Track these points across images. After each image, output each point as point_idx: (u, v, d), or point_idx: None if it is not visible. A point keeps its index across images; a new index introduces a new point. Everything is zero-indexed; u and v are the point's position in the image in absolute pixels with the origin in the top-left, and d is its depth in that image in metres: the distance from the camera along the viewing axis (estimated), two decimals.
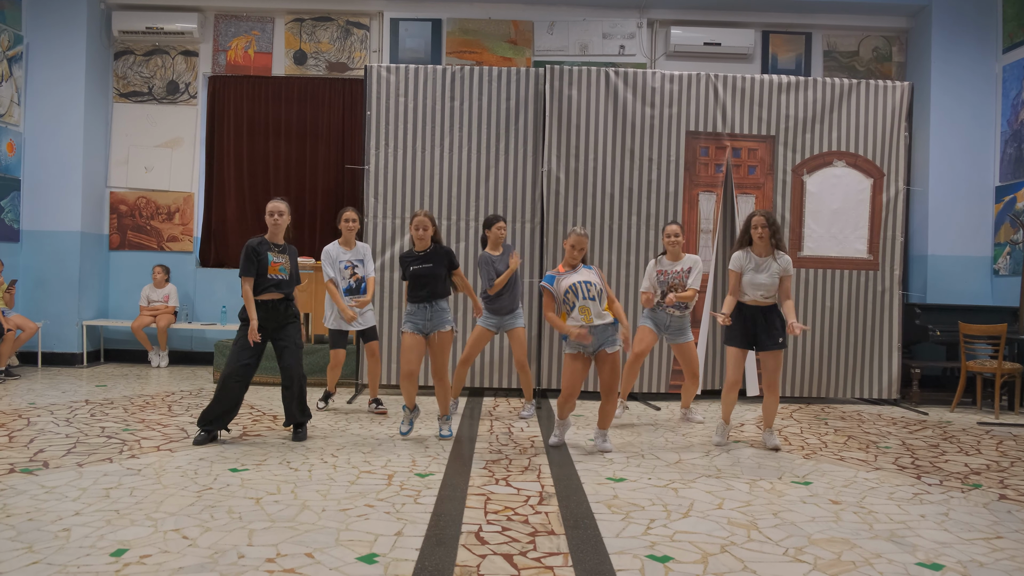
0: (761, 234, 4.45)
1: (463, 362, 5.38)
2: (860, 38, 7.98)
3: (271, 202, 4.45)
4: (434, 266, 4.50)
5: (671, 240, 5.11)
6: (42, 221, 7.64)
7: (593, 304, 4.18)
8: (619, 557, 2.67)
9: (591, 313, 4.18)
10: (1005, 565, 2.69)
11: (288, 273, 4.44)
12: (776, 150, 6.47)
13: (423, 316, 4.53)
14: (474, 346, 5.34)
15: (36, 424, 4.71)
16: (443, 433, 4.67)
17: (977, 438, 5.11)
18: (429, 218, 4.54)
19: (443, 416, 4.72)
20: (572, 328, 4.16)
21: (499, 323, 5.32)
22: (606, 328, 4.23)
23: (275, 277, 4.35)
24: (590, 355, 4.29)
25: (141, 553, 2.59)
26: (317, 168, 8.01)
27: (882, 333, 6.50)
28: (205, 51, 8.05)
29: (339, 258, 5.31)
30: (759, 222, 4.46)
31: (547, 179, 6.35)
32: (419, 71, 6.44)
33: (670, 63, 7.82)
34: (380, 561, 2.58)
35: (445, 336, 4.53)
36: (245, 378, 4.33)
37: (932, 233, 7.40)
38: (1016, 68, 7.18)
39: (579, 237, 4.30)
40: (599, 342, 4.24)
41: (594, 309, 4.18)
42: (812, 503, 3.40)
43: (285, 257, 4.44)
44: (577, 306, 4.19)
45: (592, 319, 4.18)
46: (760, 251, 4.50)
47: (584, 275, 4.26)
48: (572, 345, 4.29)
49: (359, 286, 5.35)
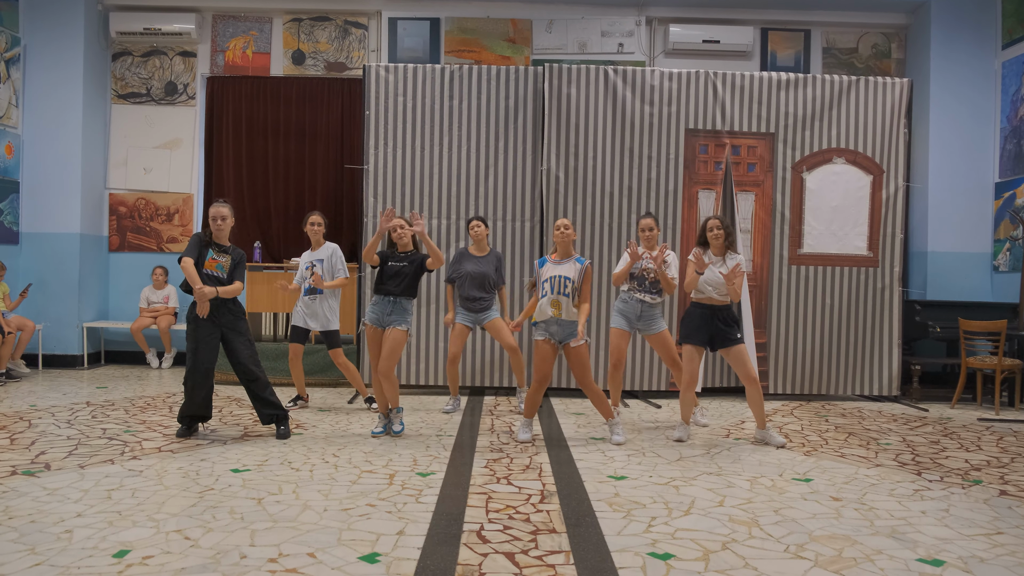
0: (716, 235, 4.64)
1: (451, 361, 5.42)
2: (859, 35, 7.98)
3: (213, 207, 4.54)
4: (408, 265, 4.57)
5: (646, 235, 5.08)
6: (41, 223, 7.64)
7: (565, 300, 4.43)
8: (620, 555, 2.67)
9: (561, 308, 4.44)
10: (1006, 561, 2.69)
11: (226, 272, 4.50)
12: (776, 147, 6.47)
13: (383, 310, 4.55)
14: (455, 343, 5.38)
15: (37, 426, 4.71)
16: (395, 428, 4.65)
17: (977, 434, 5.11)
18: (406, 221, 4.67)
19: (394, 408, 4.66)
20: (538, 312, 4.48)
21: (474, 319, 5.40)
22: (572, 324, 4.47)
23: (211, 273, 4.45)
24: (558, 343, 4.51)
25: (143, 554, 2.59)
26: (316, 168, 8.01)
27: (882, 330, 6.50)
28: (203, 52, 8.04)
29: (304, 260, 5.48)
30: (714, 224, 4.66)
31: (546, 178, 6.34)
32: (418, 70, 6.43)
33: (669, 61, 7.82)
34: (382, 560, 2.58)
35: (399, 334, 4.48)
36: (207, 374, 4.43)
37: (932, 230, 7.40)
38: (1015, 64, 7.18)
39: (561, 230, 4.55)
40: (565, 333, 4.48)
41: (564, 304, 4.43)
42: (813, 500, 3.40)
43: (227, 257, 4.53)
44: (549, 298, 4.43)
45: (561, 314, 4.43)
46: (716, 251, 4.66)
47: (567, 271, 4.46)
48: (540, 331, 4.52)
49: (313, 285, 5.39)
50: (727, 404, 6.16)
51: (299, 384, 5.60)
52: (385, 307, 4.55)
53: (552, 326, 4.48)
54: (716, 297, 4.57)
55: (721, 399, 6.41)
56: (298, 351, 5.49)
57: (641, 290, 4.97)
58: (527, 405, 4.61)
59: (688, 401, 4.69)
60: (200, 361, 4.37)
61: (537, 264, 4.59)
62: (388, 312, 4.54)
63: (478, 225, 5.47)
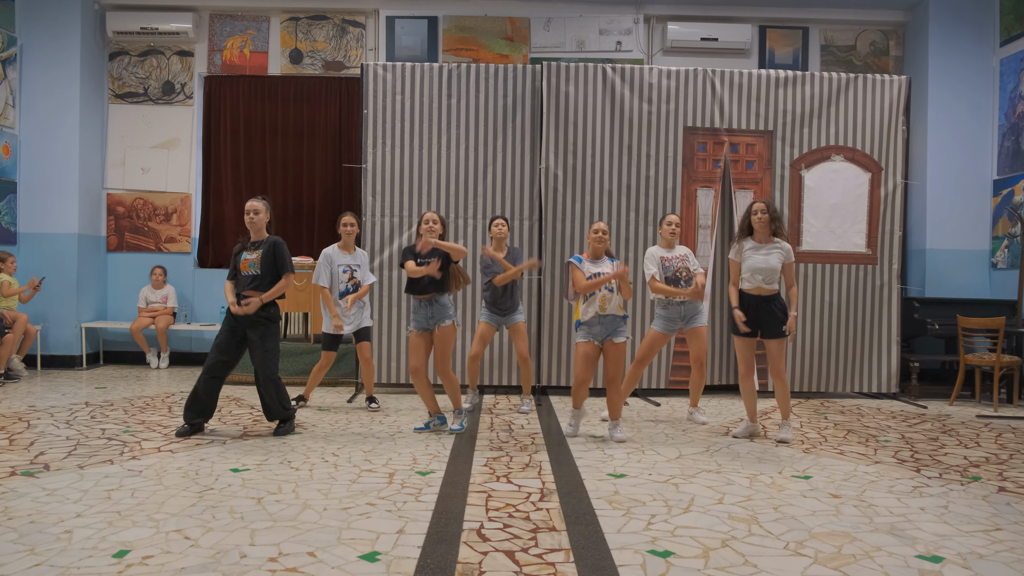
0: (761, 219, 4.53)
1: (472, 358, 5.42)
2: (857, 32, 7.98)
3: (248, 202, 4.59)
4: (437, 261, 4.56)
5: (671, 229, 5.10)
6: (39, 223, 7.63)
7: (610, 295, 4.44)
8: (620, 553, 2.67)
9: (607, 303, 4.44)
10: (1005, 557, 2.70)
11: (259, 268, 4.48)
12: (774, 145, 6.47)
13: (425, 314, 4.59)
14: (480, 341, 5.41)
15: (36, 427, 4.71)
16: (452, 427, 4.73)
17: (976, 431, 5.12)
18: (439, 216, 4.68)
19: (455, 410, 4.78)
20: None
21: (500, 320, 5.40)
22: (616, 319, 4.48)
23: (246, 273, 4.47)
24: (599, 343, 4.51)
25: (143, 554, 2.59)
26: (314, 167, 8.00)
27: (881, 327, 6.51)
28: (200, 51, 8.03)
29: (339, 262, 5.35)
30: (759, 207, 4.56)
31: (545, 176, 6.34)
32: (415, 69, 6.43)
33: (667, 59, 7.82)
34: (382, 559, 2.58)
35: (446, 330, 4.57)
36: (221, 373, 4.49)
37: (930, 227, 7.41)
38: (1013, 61, 7.18)
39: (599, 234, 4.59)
40: (608, 331, 4.48)
41: (610, 299, 4.44)
42: (812, 497, 3.41)
43: (258, 252, 4.50)
44: (598, 294, 4.44)
45: (607, 308, 4.44)
46: (760, 238, 4.58)
47: (606, 267, 4.51)
48: (583, 333, 4.52)
49: (356, 290, 5.37)
50: (726, 402, 6.17)
51: (310, 388, 5.59)
52: (426, 311, 4.58)
53: (595, 326, 4.49)
54: (764, 286, 4.54)
55: (720, 397, 6.41)
56: (330, 359, 5.45)
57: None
58: (574, 398, 4.65)
59: (748, 392, 4.68)
60: (209, 358, 4.48)
61: (574, 260, 4.58)
62: (430, 315, 4.58)
63: (502, 224, 5.41)
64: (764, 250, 4.54)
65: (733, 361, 6.47)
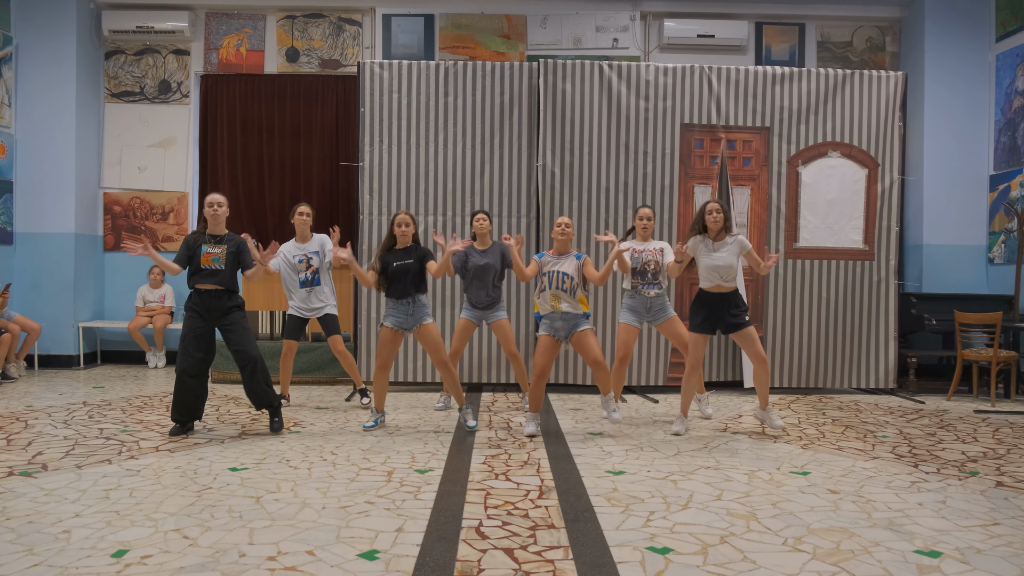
0: (716, 219, 4.57)
1: (451, 355, 5.36)
2: (853, 28, 7.98)
3: (210, 195, 4.60)
4: (413, 262, 4.59)
5: (643, 224, 5.09)
6: (35, 223, 7.61)
7: (564, 295, 4.50)
8: (619, 550, 2.68)
9: (561, 302, 4.51)
10: (1002, 551, 2.71)
11: (223, 264, 4.46)
12: (771, 141, 6.48)
13: (405, 312, 4.59)
14: (459, 338, 5.34)
15: (34, 427, 4.70)
16: (469, 424, 4.78)
17: (973, 426, 5.13)
18: (411, 216, 4.71)
19: (461, 407, 4.82)
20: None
21: (480, 315, 5.31)
22: (577, 316, 4.54)
23: (208, 267, 4.44)
24: (562, 339, 4.58)
25: (142, 554, 2.59)
26: (311, 165, 7.99)
27: (878, 323, 6.52)
28: (197, 50, 8.01)
29: (292, 253, 5.41)
30: (714, 208, 4.61)
31: (542, 173, 6.34)
32: (412, 67, 6.42)
33: (664, 56, 7.82)
34: (381, 557, 2.59)
35: (431, 327, 4.60)
36: (201, 371, 4.46)
37: (927, 222, 7.42)
38: (1009, 57, 7.19)
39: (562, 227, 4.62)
40: (570, 327, 4.54)
41: (564, 299, 4.51)
42: (810, 493, 3.42)
43: (222, 248, 4.49)
44: (549, 293, 4.52)
45: (561, 307, 4.51)
46: (714, 235, 4.63)
47: (566, 267, 4.53)
48: (545, 326, 4.58)
49: (314, 278, 5.40)
50: (725, 398, 6.18)
51: (284, 383, 5.56)
52: (406, 310, 4.58)
53: (556, 321, 4.53)
54: (723, 284, 4.57)
55: (719, 393, 6.42)
56: (292, 348, 5.46)
57: (644, 284, 4.97)
58: (531, 400, 4.64)
59: (690, 389, 4.72)
60: (180, 362, 4.41)
61: (536, 257, 4.65)
62: (410, 314, 4.59)
63: (482, 219, 5.40)
64: (720, 248, 4.58)
65: (731, 356, 6.47)
